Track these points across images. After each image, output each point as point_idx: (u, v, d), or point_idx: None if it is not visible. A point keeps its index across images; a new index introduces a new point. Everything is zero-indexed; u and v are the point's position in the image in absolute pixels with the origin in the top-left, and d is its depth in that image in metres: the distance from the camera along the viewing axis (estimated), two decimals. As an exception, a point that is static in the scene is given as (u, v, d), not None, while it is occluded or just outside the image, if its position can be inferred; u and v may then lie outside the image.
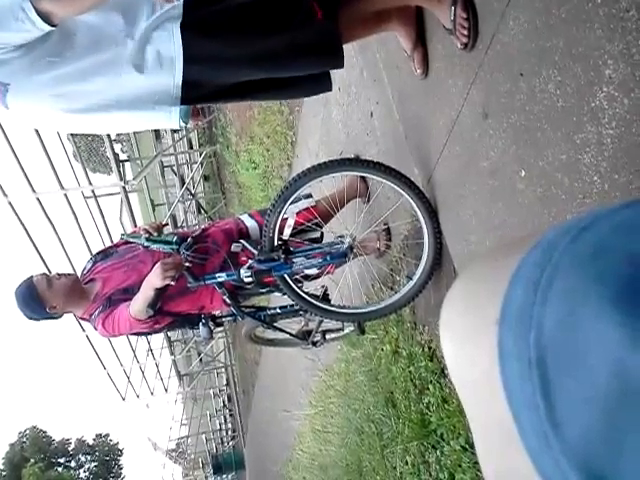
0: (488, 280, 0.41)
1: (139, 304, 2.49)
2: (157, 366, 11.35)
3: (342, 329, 3.58)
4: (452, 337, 0.44)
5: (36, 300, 2.62)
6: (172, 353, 11.19)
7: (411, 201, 2.43)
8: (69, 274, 2.79)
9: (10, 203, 6.03)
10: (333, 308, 2.82)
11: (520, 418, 0.33)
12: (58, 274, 2.73)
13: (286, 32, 1.81)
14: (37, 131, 5.75)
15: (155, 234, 2.66)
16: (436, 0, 1.99)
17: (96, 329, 2.75)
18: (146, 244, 2.59)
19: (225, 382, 20.62)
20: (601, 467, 0.28)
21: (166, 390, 12.41)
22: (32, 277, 2.68)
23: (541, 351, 0.32)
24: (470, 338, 0.40)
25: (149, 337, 9.56)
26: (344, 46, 1.93)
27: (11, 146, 5.67)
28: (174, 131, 9.24)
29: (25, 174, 5.88)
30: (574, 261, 0.33)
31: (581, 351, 0.30)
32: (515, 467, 0.35)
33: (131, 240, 2.72)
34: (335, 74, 1.96)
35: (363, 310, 2.84)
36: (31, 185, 5.99)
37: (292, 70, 1.91)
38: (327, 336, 3.63)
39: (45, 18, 1.57)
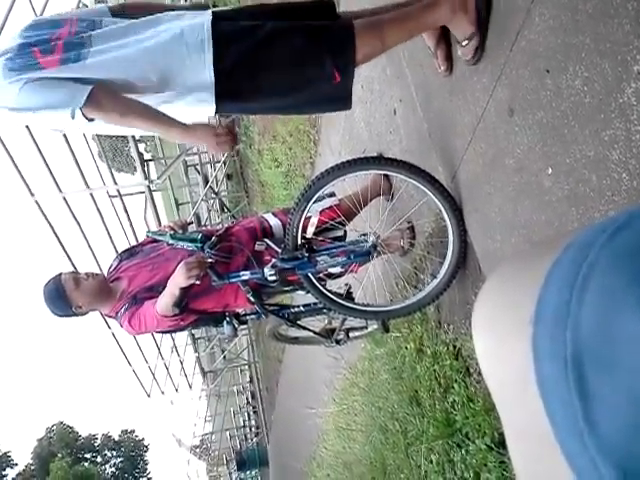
0: (521, 279, 0.41)
1: (165, 302, 2.52)
2: (181, 363, 11.45)
3: (366, 327, 3.57)
4: (485, 336, 0.43)
5: (63, 299, 2.67)
6: (196, 350, 11.29)
7: (435, 199, 2.42)
8: (96, 274, 2.83)
9: (37, 202, 6.13)
10: (357, 306, 2.81)
11: (555, 417, 0.33)
12: (86, 274, 2.77)
13: (305, 91, 2.00)
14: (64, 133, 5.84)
15: (180, 231, 2.68)
16: (450, 13, 2.00)
17: (122, 326, 2.79)
18: (171, 241, 2.62)
19: (249, 379, 20.72)
20: (638, 466, 0.28)
21: (190, 387, 12.52)
22: (60, 275, 2.73)
23: (578, 351, 0.31)
24: (504, 338, 0.40)
25: (174, 334, 9.65)
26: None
27: (38, 147, 5.77)
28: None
29: (52, 174, 5.98)
30: (611, 260, 0.33)
31: (618, 351, 0.30)
32: (549, 467, 0.35)
33: (156, 237, 2.75)
34: (358, 72, 1.98)
35: (387, 308, 2.84)
36: (57, 185, 6.08)
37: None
38: (350, 334, 3.63)
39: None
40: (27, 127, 5.58)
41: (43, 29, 1.92)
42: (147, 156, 8.32)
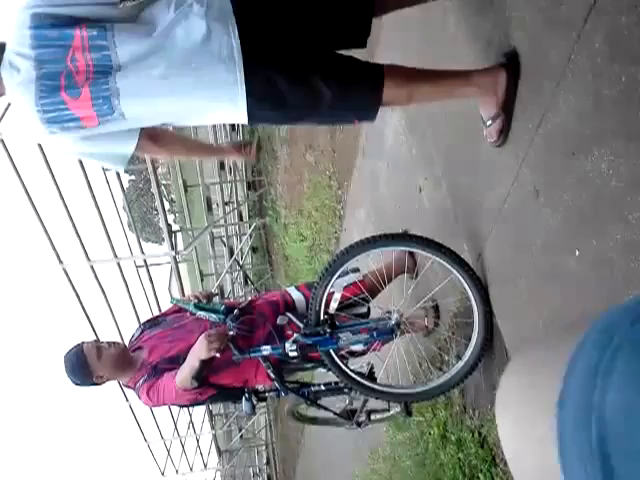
0: (546, 362, 0.41)
1: (185, 375, 2.48)
2: (197, 440, 11.17)
3: (388, 409, 3.46)
4: (509, 419, 0.43)
5: (84, 368, 2.66)
6: (213, 427, 11.02)
7: (461, 278, 2.39)
8: (118, 343, 2.83)
9: (65, 270, 6.24)
10: (379, 387, 2.74)
11: None
12: (108, 343, 2.76)
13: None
14: (96, 202, 6.01)
15: (204, 301, 2.68)
16: (479, 94, 2.05)
17: (140, 398, 2.75)
18: (194, 310, 2.61)
19: (265, 461, 20.07)
20: None
21: (205, 466, 12.15)
22: (82, 344, 2.72)
23: (603, 437, 0.30)
24: (527, 420, 0.40)
25: (191, 410, 9.48)
26: (394, 120, 2.01)
27: (70, 215, 5.92)
28: (225, 203, 9.50)
29: (81, 242, 6.10)
30: (636, 345, 0.32)
31: None
32: None
33: (180, 305, 2.76)
34: (384, 150, 2.02)
35: (410, 390, 2.75)
36: (86, 253, 6.20)
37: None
38: (372, 416, 3.52)
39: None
40: (60, 194, 5.76)
41: (50, 41, 1.79)
42: (175, 227, 8.49)
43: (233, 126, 10.05)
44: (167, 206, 13.10)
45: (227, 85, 1.83)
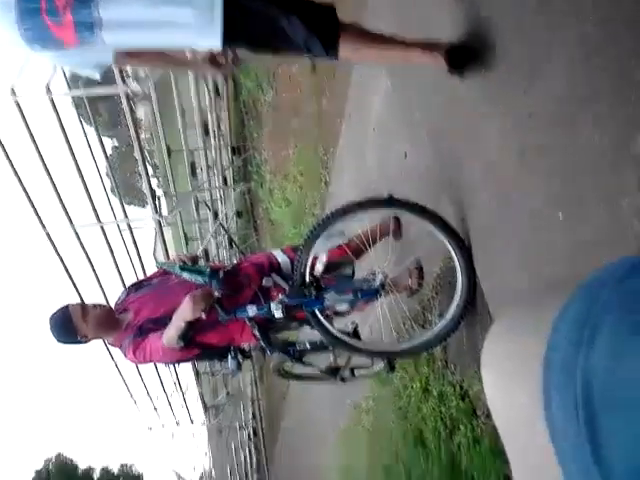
0: (531, 320, 0.42)
1: (171, 334, 2.52)
2: (184, 397, 11.31)
3: (371, 366, 3.54)
4: (494, 376, 0.44)
5: (69, 328, 2.67)
6: (199, 384, 11.16)
7: (445, 240, 2.43)
8: (103, 305, 2.85)
9: (48, 235, 6.18)
10: (363, 345, 2.80)
11: (564, 456, 0.33)
12: (94, 305, 2.78)
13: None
14: (77, 165, 5.94)
15: (190, 264, 2.70)
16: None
17: (126, 356, 2.79)
18: (179, 272, 2.63)
19: (251, 415, 20.38)
20: None
21: (192, 421, 12.33)
22: (68, 305, 2.74)
23: (588, 392, 0.32)
24: (513, 377, 0.41)
25: (177, 367, 9.56)
26: (380, 85, 2.07)
27: (52, 181, 5.85)
28: (209, 168, 9.40)
29: (64, 207, 6.04)
30: (622, 302, 0.33)
31: (629, 392, 0.30)
32: None
33: (165, 267, 2.77)
34: (369, 115, 2.04)
35: (393, 348, 2.82)
36: (70, 218, 6.14)
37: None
38: (356, 373, 3.60)
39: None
40: (42, 160, 5.68)
41: None
42: (159, 192, 8.41)
43: (217, 90, 9.88)
44: (150, 171, 12.91)
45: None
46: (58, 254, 6.40)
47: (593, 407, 0.31)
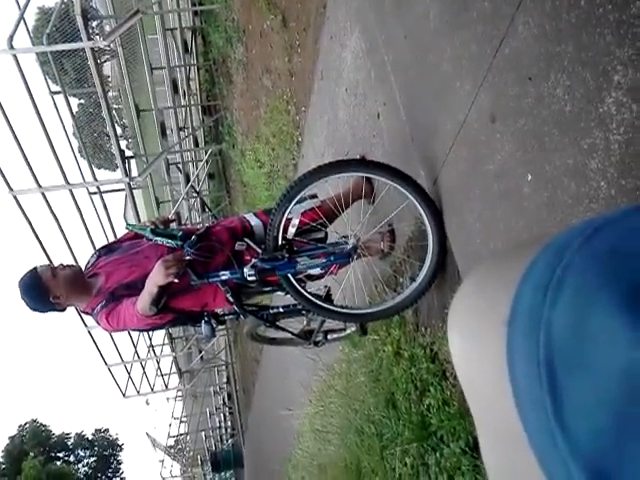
0: (497, 280, 0.41)
1: (144, 301, 2.49)
2: (158, 363, 11.35)
3: (344, 329, 3.58)
4: (460, 336, 0.44)
5: (40, 289, 2.63)
6: (173, 350, 11.20)
7: (416, 203, 2.43)
8: (72, 265, 2.80)
9: (15, 197, 6.04)
10: (335, 308, 2.82)
11: (527, 417, 0.33)
12: (62, 265, 2.74)
13: None
14: (43, 125, 5.78)
15: (161, 227, 2.65)
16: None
17: (99, 323, 2.76)
18: (151, 236, 2.58)
19: (225, 380, 20.61)
20: (607, 468, 0.28)
21: (166, 387, 12.41)
22: (36, 267, 2.69)
23: (550, 352, 0.32)
24: (479, 337, 0.40)
25: (151, 333, 9.56)
26: (353, 43, 1.97)
27: (18, 141, 5.68)
28: (180, 129, 9.25)
29: (31, 169, 5.90)
30: (587, 261, 0.33)
31: (590, 352, 0.30)
32: (520, 466, 0.35)
33: (136, 231, 2.71)
34: (342, 75, 1.99)
35: (365, 311, 2.84)
36: (37, 180, 6.00)
37: None
38: (329, 336, 3.63)
39: None
40: (6, 119, 5.51)
41: None
42: (128, 153, 8.24)
43: (186, 46, 9.64)
44: (119, 131, 12.65)
45: None
46: (26, 217, 6.26)
47: (555, 368, 0.31)
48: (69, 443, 47.85)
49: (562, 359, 0.31)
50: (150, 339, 10.33)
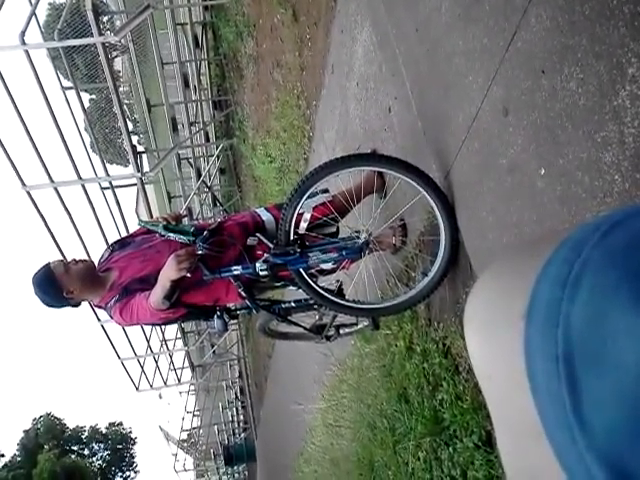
0: (515, 276, 0.41)
1: (157, 295, 2.51)
2: (171, 357, 11.42)
3: (356, 324, 3.58)
4: (477, 331, 0.43)
5: (53, 285, 2.65)
6: (186, 344, 11.26)
7: (428, 197, 2.42)
8: (85, 260, 2.82)
9: (29, 192, 6.10)
10: (347, 303, 2.82)
11: (545, 413, 0.33)
12: (75, 260, 2.76)
13: None
14: (56, 121, 5.81)
15: (173, 223, 2.67)
16: None
17: (112, 317, 2.78)
18: (163, 232, 2.60)
19: (238, 374, 20.72)
20: (626, 463, 0.28)
21: (179, 381, 12.50)
22: (49, 263, 2.71)
23: (568, 347, 0.32)
24: (496, 332, 0.40)
25: (163, 328, 9.62)
26: (364, 37, 1.96)
27: (30, 137, 5.73)
28: (191, 124, 9.27)
29: (44, 164, 5.94)
30: (605, 256, 0.33)
31: (609, 347, 0.30)
32: (538, 461, 0.35)
33: (148, 227, 2.73)
34: (353, 69, 1.98)
35: (377, 305, 2.84)
36: (49, 175, 6.05)
37: None
38: (341, 331, 3.63)
39: None
40: (19, 116, 5.55)
41: None
42: (140, 148, 8.27)
43: (197, 41, 9.65)
44: (131, 127, 12.70)
45: None
46: (39, 212, 6.31)
47: (573, 363, 0.31)
48: (83, 436, 48.32)
49: (580, 355, 0.31)
50: (163, 333, 10.39)
